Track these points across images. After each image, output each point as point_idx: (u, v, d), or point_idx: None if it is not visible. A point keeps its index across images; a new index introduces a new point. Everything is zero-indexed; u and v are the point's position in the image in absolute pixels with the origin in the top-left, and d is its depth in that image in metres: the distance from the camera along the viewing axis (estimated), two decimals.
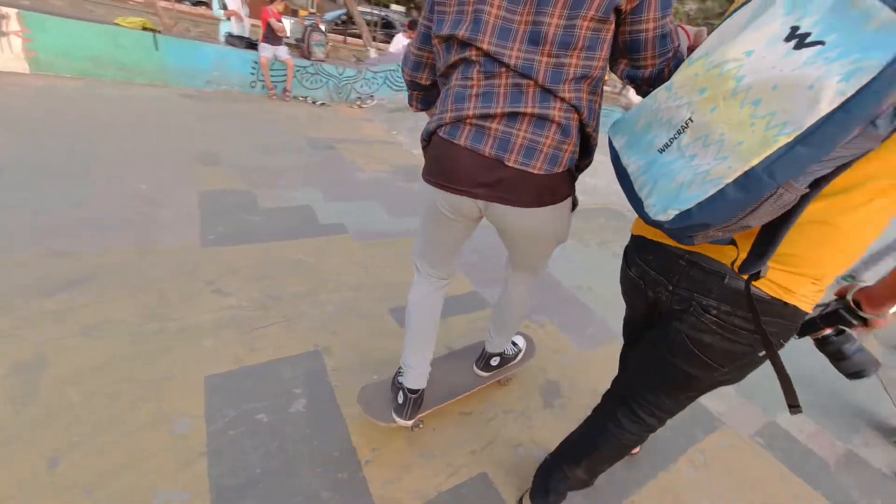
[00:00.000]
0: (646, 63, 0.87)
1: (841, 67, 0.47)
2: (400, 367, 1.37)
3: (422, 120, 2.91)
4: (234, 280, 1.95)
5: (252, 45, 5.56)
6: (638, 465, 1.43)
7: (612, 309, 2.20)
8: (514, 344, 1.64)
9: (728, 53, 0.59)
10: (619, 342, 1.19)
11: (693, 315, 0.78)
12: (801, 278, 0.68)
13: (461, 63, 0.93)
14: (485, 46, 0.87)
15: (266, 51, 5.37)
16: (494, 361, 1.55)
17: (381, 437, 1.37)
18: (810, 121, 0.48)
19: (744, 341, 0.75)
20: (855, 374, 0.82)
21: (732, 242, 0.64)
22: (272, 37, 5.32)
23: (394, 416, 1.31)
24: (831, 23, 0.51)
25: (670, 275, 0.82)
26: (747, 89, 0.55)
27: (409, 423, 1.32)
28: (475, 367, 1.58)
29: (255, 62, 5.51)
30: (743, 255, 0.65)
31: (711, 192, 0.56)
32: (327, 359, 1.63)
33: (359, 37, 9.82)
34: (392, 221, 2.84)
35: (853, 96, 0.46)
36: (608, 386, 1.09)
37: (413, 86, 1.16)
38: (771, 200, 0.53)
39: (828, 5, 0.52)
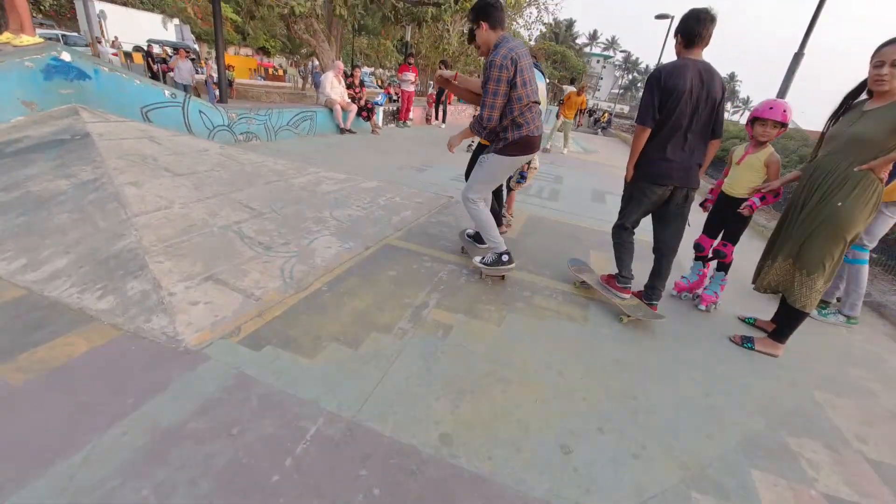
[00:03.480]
0: None
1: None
2: (484, 256, 2.68)
3: None
4: None
5: None
6: None
7: None
8: None
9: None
10: None
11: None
12: None
13: (528, 108, 2.36)
14: (536, 100, 2.42)
15: None
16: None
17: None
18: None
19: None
20: None
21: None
22: None
23: (510, 266, 2.64)
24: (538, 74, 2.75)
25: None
26: (543, 95, 2.78)
27: (514, 263, 2.67)
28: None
29: None
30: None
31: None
32: None
33: None
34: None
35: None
36: None
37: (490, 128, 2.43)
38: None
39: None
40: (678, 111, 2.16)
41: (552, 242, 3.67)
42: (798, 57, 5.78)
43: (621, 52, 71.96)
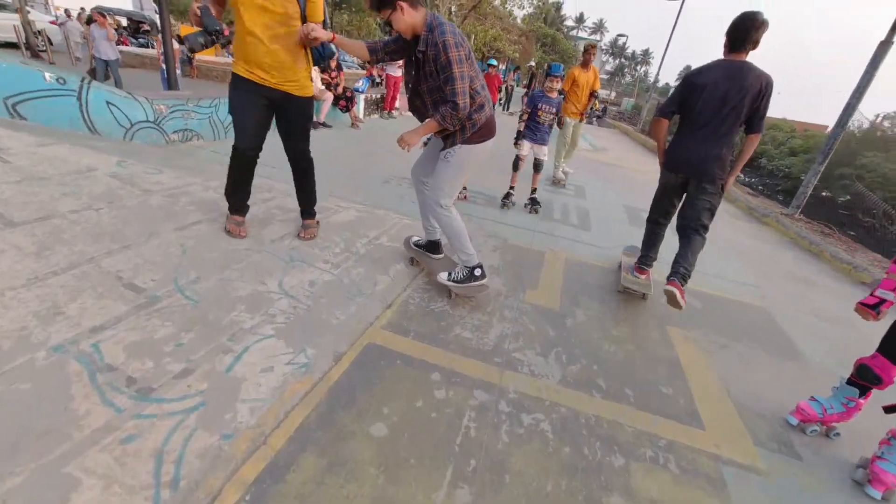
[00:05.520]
0: None
1: None
2: (452, 272, 2.34)
3: None
4: None
5: None
6: None
7: None
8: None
9: None
10: None
11: None
12: None
13: (481, 84, 2.12)
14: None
15: None
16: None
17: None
18: None
19: None
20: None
21: None
22: None
23: (483, 282, 2.33)
24: None
25: None
26: None
27: (487, 277, 2.36)
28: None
29: None
30: None
31: None
32: None
33: None
34: None
35: None
36: None
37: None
38: None
39: None
40: (697, 105, 2.33)
41: (613, 318, 2.52)
42: (886, 46, 4.73)
43: (619, 35, 71.00)
